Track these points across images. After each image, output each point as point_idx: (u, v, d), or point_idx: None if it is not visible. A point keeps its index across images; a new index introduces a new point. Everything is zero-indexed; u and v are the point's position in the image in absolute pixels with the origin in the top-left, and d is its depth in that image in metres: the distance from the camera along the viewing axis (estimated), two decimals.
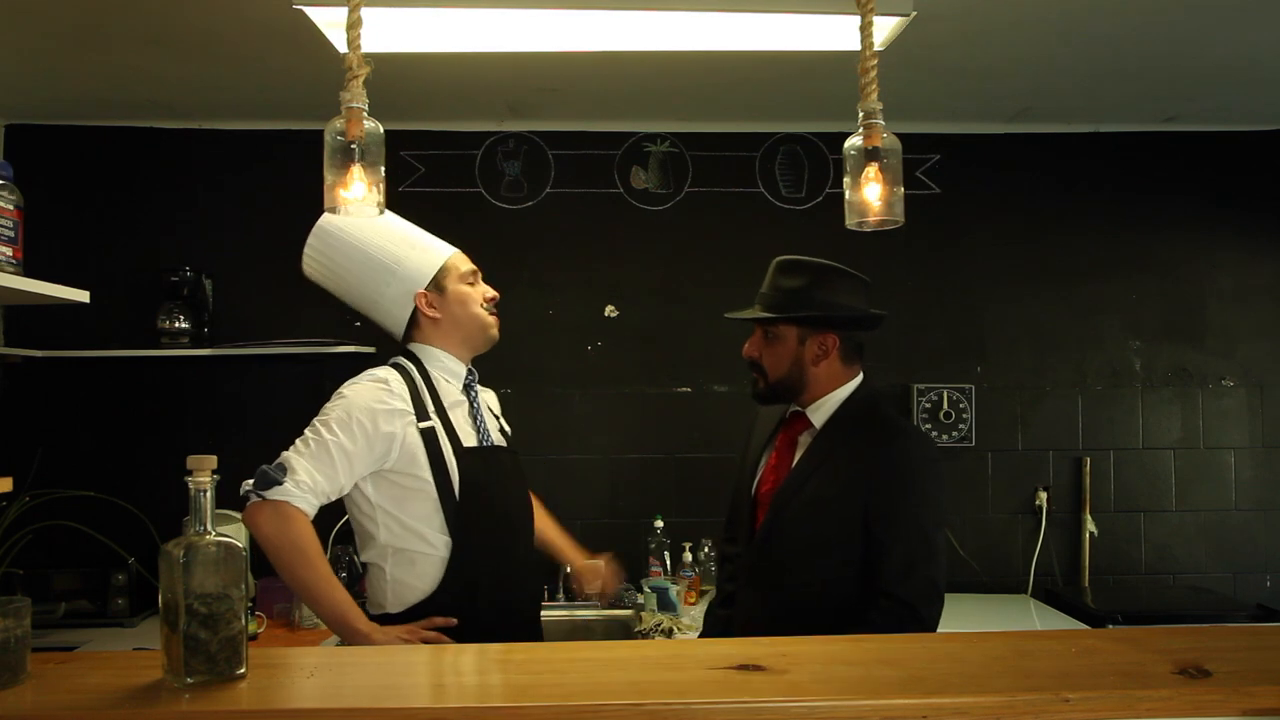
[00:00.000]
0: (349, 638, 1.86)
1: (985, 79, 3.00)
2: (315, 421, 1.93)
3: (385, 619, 1.97)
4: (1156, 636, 1.48)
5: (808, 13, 2.14)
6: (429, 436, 1.96)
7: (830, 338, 1.96)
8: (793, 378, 1.99)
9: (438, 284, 2.08)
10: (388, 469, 1.95)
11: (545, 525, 2.29)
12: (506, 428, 2.22)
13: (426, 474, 1.94)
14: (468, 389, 2.10)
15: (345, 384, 2.00)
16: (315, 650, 1.76)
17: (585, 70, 2.85)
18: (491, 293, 2.13)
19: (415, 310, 2.08)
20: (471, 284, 2.11)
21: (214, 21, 2.47)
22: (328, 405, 1.96)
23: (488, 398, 2.24)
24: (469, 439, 2.02)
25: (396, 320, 2.10)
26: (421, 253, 2.09)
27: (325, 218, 2.09)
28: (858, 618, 1.83)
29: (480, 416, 2.09)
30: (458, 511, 1.95)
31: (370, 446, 1.91)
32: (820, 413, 1.99)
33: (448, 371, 2.08)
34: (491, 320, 2.12)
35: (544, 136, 3.44)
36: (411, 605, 1.95)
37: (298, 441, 1.91)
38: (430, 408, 1.99)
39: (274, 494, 1.82)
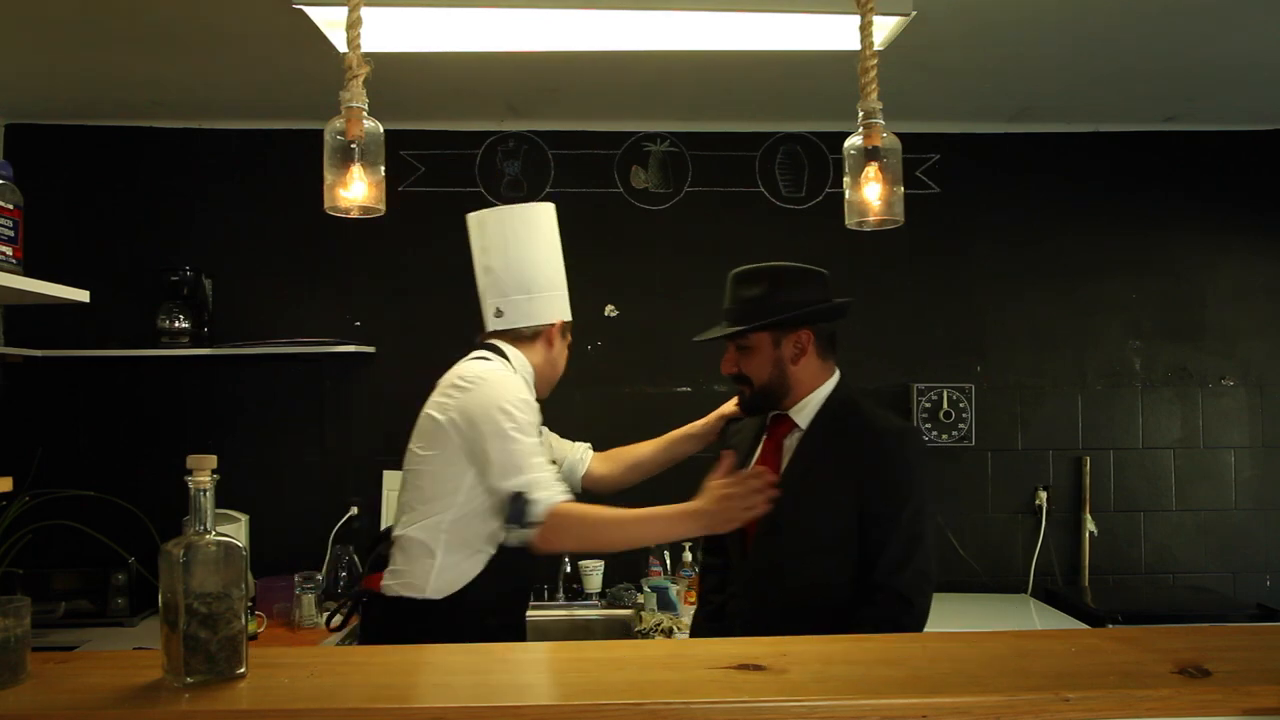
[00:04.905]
0: (693, 529, 1.94)
1: (985, 79, 3.00)
2: (508, 433, 1.93)
3: (421, 606, 1.94)
4: (1156, 636, 1.48)
5: (808, 12, 2.14)
6: None
7: (804, 334, 1.99)
8: (777, 381, 2.01)
9: (566, 328, 2.21)
10: None
11: (644, 450, 2.48)
12: None
13: None
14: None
15: (488, 392, 1.98)
16: (315, 650, 1.76)
17: (585, 70, 2.85)
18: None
19: (542, 331, 2.14)
20: (568, 345, 2.25)
21: (214, 21, 2.47)
22: (492, 413, 1.95)
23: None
24: None
25: (526, 314, 2.13)
26: (567, 297, 2.21)
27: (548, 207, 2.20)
28: (851, 612, 1.83)
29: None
30: None
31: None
32: (804, 413, 2.01)
33: (532, 394, 2.13)
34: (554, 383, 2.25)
35: (544, 136, 3.44)
36: (452, 593, 1.94)
37: (515, 459, 1.92)
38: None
39: (539, 514, 1.88)
